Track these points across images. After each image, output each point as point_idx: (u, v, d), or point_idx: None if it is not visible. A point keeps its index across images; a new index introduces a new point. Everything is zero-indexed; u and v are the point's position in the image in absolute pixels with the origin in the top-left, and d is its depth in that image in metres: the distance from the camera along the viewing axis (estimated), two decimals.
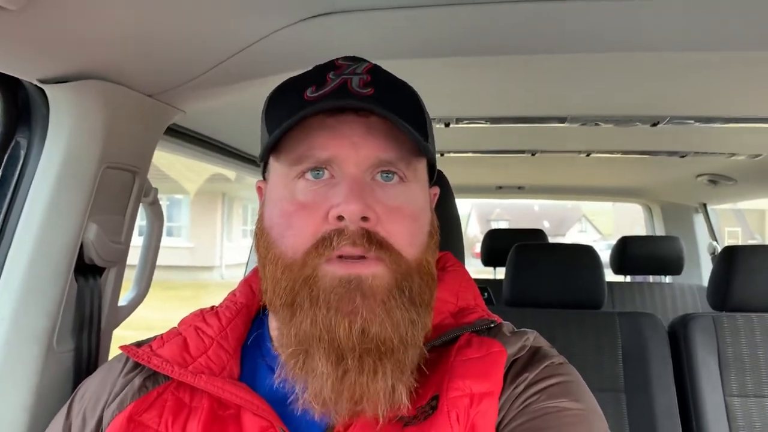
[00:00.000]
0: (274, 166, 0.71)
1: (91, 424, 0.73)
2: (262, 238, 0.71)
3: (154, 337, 0.78)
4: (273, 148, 0.69)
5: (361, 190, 0.64)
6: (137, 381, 0.73)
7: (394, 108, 0.66)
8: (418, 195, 0.71)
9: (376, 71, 0.71)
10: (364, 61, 0.73)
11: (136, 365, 0.75)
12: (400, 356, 0.64)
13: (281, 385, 0.68)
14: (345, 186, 0.64)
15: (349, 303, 0.63)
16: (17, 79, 0.87)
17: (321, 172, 0.67)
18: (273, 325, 0.75)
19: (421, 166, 0.72)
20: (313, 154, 0.66)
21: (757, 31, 0.88)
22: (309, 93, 0.68)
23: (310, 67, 0.74)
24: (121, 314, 1.10)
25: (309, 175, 0.67)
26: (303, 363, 0.64)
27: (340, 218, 0.64)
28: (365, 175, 0.66)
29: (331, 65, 0.72)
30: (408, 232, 0.67)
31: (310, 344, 0.63)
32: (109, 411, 0.72)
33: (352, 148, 0.66)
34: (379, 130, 0.67)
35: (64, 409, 0.78)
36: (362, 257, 0.64)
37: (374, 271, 0.64)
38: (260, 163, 0.75)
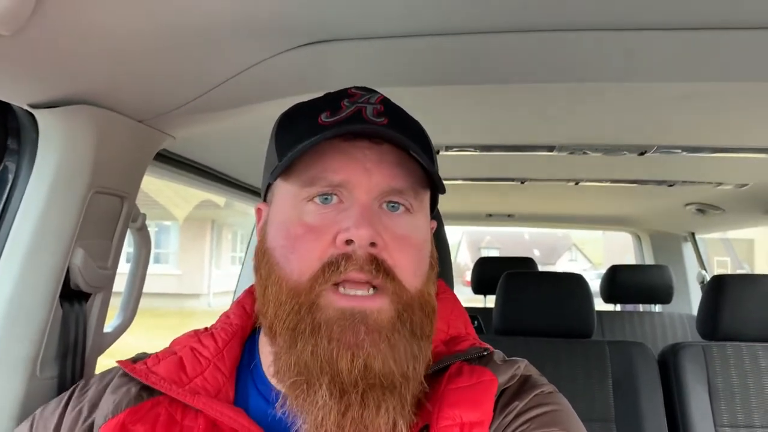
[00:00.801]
0: (282, 187, 0.71)
1: (86, 422, 0.72)
2: (264, 258, 0.70)
3: (148, 355, 0.77)
4: (286, 168, 0.69)
5: (370, 216, 0.65)
6: (134, 389, 0.72)
7: (407, 138, 0.67)
8: (423, 226, 0.72)
9: (387, 103, 0.73)
10: (376, 92, 0.74)
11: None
12: (402, 391, 0.63)
13: (274, 413, 0.67)
14: (355, 211, 0.65)
15: (352, 335, 0.62)
16: (7, 103, 0.87)
17: (330, 198, 0.67)
18: (266, 349, 0.73)
19: (426, 198, 0.73)
20: (326, 177, 0.67)
21: (745, 62, 0.90)
22: (324, 118, 0.69)
23: (302, 95, 0.76)
24: (106, 341, 1.08)
25: (318, 199, 0.67)
26: (305, 394, 0.63)
27: (349, 242, 0.64)
28: (374, 202, 0.67)
29: (345, 93, 0.73)
30: (413, 262, 0.68)
31: (311, 375, 0.62)
32: (101, 412, 0.72)
33: (364, 173, 0.66)
34: (391, 159, 0.68)
35: (62, 398, 0.77)
36: (368, 287, 0.64)
37: (379, 306, 0.64)
38: (269, 183, 0.75)
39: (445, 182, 0.70)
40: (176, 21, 0.76)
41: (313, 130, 0.67)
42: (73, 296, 0.97)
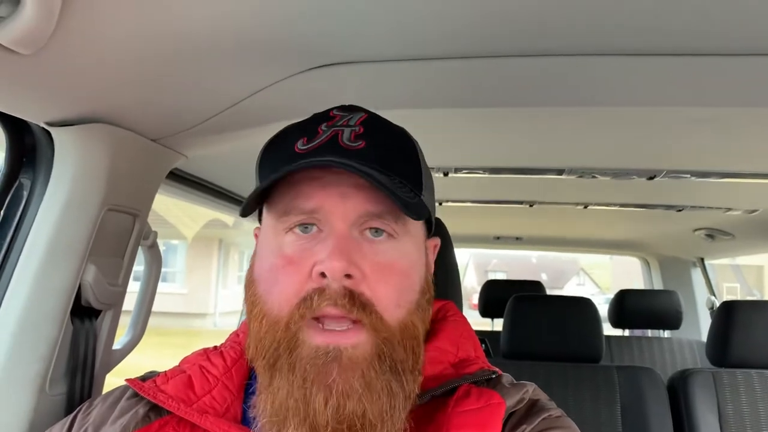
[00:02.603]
0: (265, 217, 0.71)
1: None
2: (250, 290, 0.70)
3: (156, 374, 0.77)
4: (262, 200, 0.68)
5: (346, 246, 0.62)
6: (141, 410, 0.72)
7: (384, 162, 0.65)
8: (410, 251, 0.69)
9: (370, 122, 0.70)
10: (361, 110, 0.72)
11: (139, 395, 0.74)
12: (379, 430, 0.62)
13: None
14: (330, 241, 0.62)
15: (325, 375, 0.61)
16: (24, 121, 0.88)
17: (309, 227, 0.65)
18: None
19: (412, 221, 0.69)
20: (297, 205, 0.65)
21: (754, 88, 0.90)
22: (300, 145, 0.67)
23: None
24: (114, 358, 1.08)
25: (297, 229, 0.66)
26: None
27: (323, 275, 0.61)
28: (352, 229, 0.64)
29: (325, 116, 0.71)
30: (395, 291, 0.65)
31: (286, 416, 0.61)
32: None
33: (339, 198, 0.64)
34: (367, 183, 0.64)
35: (65, 422, 0.77)
36: (344, 323, 0.62)
37: (354, 342, 0.62)
38: (247, 215, 0.73)
39: (453, 204, 0.69)
40: (192, 43, 0.77)
41: (287, 160, 0.66)
42: (83, 313, 0.97)
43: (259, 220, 0.77)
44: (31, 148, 0.92)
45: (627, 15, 0.76)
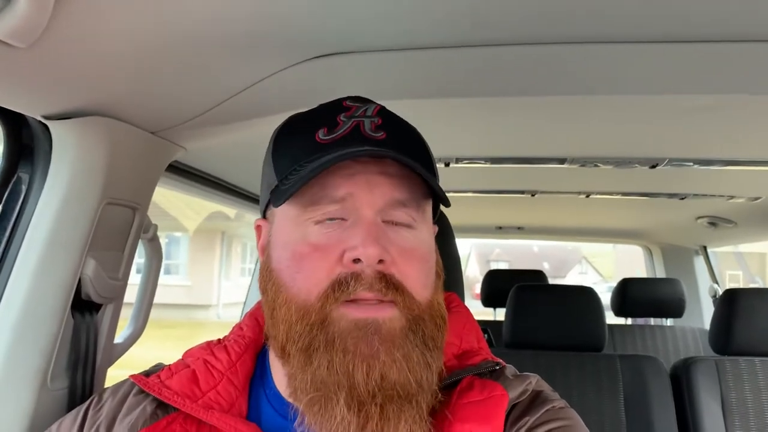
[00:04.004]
0: (283, 207, 0.69)
1: None
2: (270, 280, 0.69)
3: (160, 367, 0.77)
4: (276, 191, 0.68)
5: (377, 232, 0.64)
6: (149, 408, 0.72)
7: (407, 152, 0.66)
8: (427, 237, 0.71)
9: (385, 114, 0.71)
10: (371, 102, 0.73)
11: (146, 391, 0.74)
12: (419, 401, 0.63)
13: (287, 426, 0.67)
14: (362, 228, 0.64)
15: (367, 346, 0.61)
16: (22, 114, 0.88)
17: (333, 218, 0.66)
18: (277, 365, 0.72)
19: (429, 208, 0.72)
20: (327, 194, 0.66)
21: (757, 75, 0.89)
22: (321, 135, 0.68)
23: (312, 107, 0.74)
24: (116, 352, 1.08)
25: (326, 221, 0.66)
26: (323, 410, 0.62)
27: (356, 261, 0.63)
28: (378, 217, 0.66)
29: (340, 106, 0.72)
30: (421, 274, 0.67)
31: (329, 390, 0.62)
32: (119, 430, 0.71)
33: (366, 186, 0.66)
34: (392, 171, 0.67)
35: (78, 414, 0.77)
36: (379, 301, 0.63)
37: (390, 315, 0.63)
38: (266, 204, 0.74)
39: (455, 194, 0.69)
40: (190, 34, 0.76)
41: (311, 150, 0.67)
42: (84, 307, 0.97)
43: (264, 212, 0.76)
44: (28, 141, 0.92)
45: (628, 2, 0.75)
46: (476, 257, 33.74)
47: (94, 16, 0.66)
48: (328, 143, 0.67)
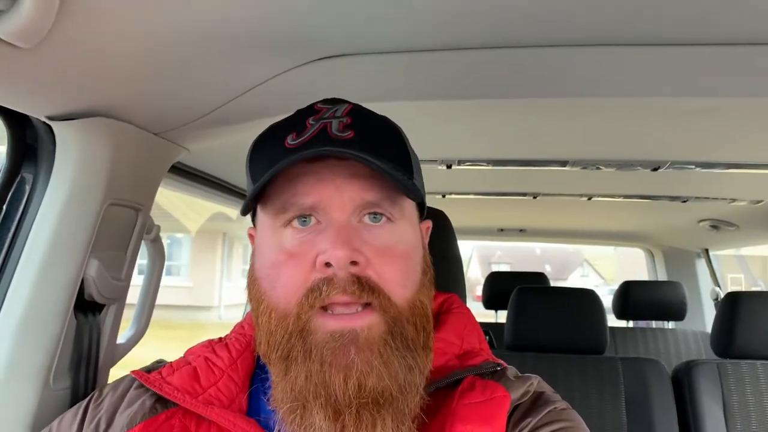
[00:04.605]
0: (261, 215, 0.71)
1: None
2: (253, 288, 0.70)
3: (162, 364, 0.77)
4: (258, 198, 0.68)
5: (348, 235, 0.63)
6: (148, 402, 0.73)
7: (374, 149, 0.65)
8: (408, 233, 0.70)
9: (356, 112, 0.71)
10: (345, 102, 0.73)
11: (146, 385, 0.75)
12: (399, 405, 0.63)
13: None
14: (331, 231, 0.63)
15: (343, 356, 0.61)
16: (26, 115, 0.88)
17: (307, 219, 0.66)
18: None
19: (408, 204, 0.71)
20: (296, 201, 0.66)
21: (760, 77, 0.90)
22: (290, 140, 0.67)
23: None
24: (119, 352, 1.09)
25: (296, 223, 0.66)
26: (300, 418, 0.63)
27: (328, 265, 0.63)
28: (351, 218, 0.65)
29: (311, 110, 0.71)
30: (400, 273, 0.66)
31: (307, 399, 0.62)
32: (118, 425, 0.72)
33: (335, 191, 0.65)
34: (361, 172, 0.66)
35: (78, 410, 0.77)
36: (354, 307, 0.63)
37: (368, 323, 0.63)
38: (246, 214, 0.74)
39: (456, 196, 0.69)
40: (193, 36, 0.77)
41: (279, 155, 0.66)
42: (87, 307, 0.97)
43: (253, 220, 0.77)
44: (32, 142, 0.92)
45: (628, 5, 0.75)
46: (478, 259, 33.71)
47: (98, 18, 0.67)
48: (295, 147, 0.66)
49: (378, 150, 0.66)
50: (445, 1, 0.75)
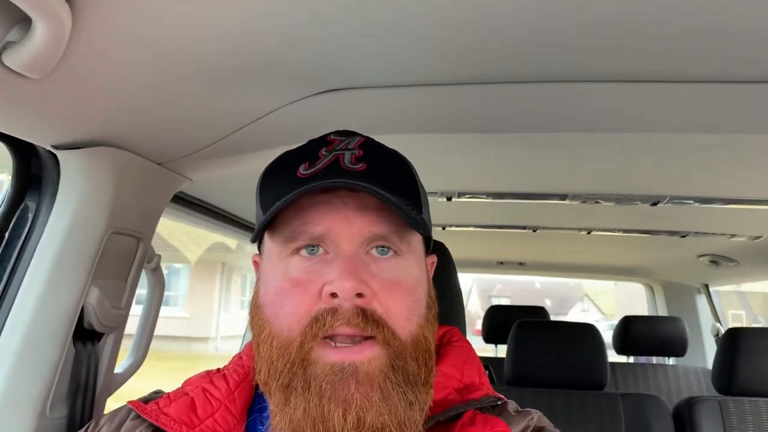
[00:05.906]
0: (268, 243, 0.71)
1: None
2: (256, 315, 0.70)
3: (159, 394, 0.77)
4: (267, 226, 0.69)
5: (355, 266, 0.63)
6: None
7: (386, 182, 0.66)
8: (414, 267, 0.70)
9: (368, 145, 0.71)
10: (357, 135, 0.74)
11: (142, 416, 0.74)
12: None
13: None
14: (339, 262, 0.63)
15: (343, 390, 0.61)
16: (31, 144, 0.89)
17: (316, 249, 0.66)
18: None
19: (416, 238, 0.71)
20: (306, 230, 0.66)
21: (759, 114, 0.91)
22: (302, 170, 0.68)
23: None
24: (116, 382, 1.08)
25: (304, 252, 0.66)
26: None
27: (334, 296, 0.62)
28: (359, 250, 0.66)
29: (324, 141, 0.72)
30: (405, 307, 0.66)
31: None
32: None
33: (345, 222, 0.65)
34: (371, 204, 0.66)
35: None
36: (357, 339, 0.63)
37: (369, 356, 0.62)
38: (255, 241, 0.75)
39: (456, 229, 0.69)
40: (198, 69, 0.78)
41: (291, 185, 0.66)
42: (86, 336, 0.97)
43: (259, 247, 0.77)
44: (37, 170, 0.93)
45: (629, 41, 0.77)
46: (478, 292, 33.55)
47: (106, 51, 0.68)
48: (307, 177, 0.67)
49: (389, 183, 0.66)
50: (448, 37, 0.76)
